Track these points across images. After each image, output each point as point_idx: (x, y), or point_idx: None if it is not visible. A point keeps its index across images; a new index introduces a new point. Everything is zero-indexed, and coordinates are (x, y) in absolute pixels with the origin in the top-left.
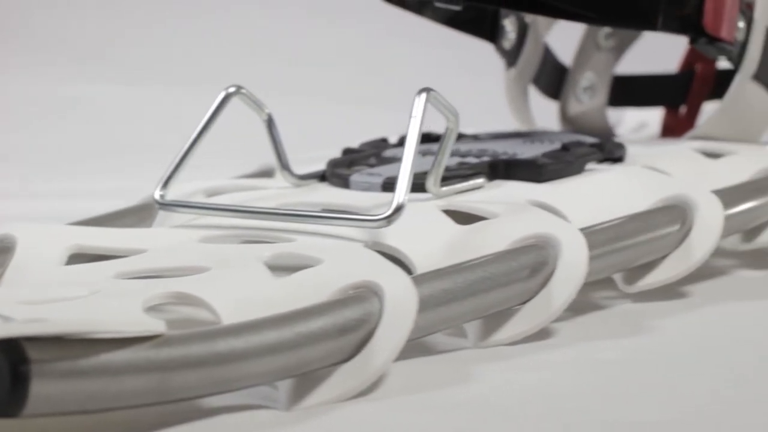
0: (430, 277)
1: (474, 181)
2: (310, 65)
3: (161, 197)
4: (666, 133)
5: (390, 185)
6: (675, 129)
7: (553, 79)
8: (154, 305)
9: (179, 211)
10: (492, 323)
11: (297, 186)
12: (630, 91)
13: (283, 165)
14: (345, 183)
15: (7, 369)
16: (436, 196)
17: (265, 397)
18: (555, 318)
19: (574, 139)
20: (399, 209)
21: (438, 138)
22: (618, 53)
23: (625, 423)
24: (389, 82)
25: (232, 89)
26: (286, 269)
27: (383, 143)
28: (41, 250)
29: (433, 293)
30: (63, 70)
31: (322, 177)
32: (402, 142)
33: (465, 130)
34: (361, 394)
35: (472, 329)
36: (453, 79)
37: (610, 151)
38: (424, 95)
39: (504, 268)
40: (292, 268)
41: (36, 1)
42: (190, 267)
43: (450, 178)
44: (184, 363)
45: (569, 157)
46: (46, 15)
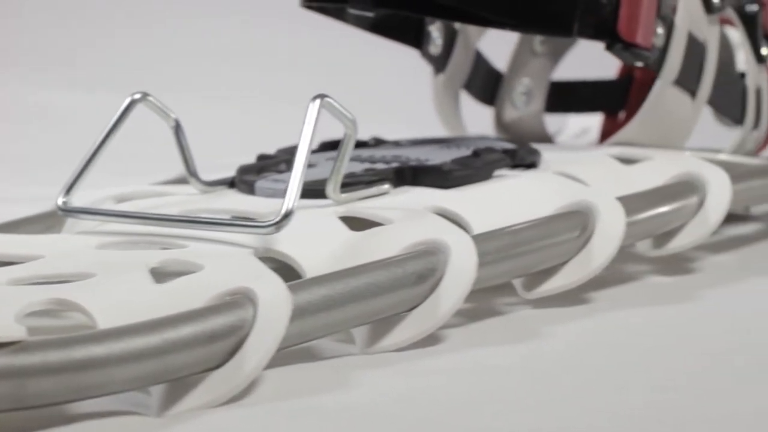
0: (310, 284)
1: (379, 188)
2: (255, 68)
3: (64, 204)
4: (605, 139)
5: None
6: (614, 135)
7: (487, 85)
8: (36, 311)
9: (80, 218)
10: (379, 329)
11: (205, 192)
12: (568, 97)
13: (191, 172)
14: (251, 189)
15: None
16: (336, 202)
17: (138, 404)
18: (442, 324)
19: (486, 146)
20: (288, 215)
21: (379, 144)
22: (554, 59)
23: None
24: (335, 84)
25: (137, 95)
26: (173, 275)
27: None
28: None
29: (312, 299)
30: (26, 76)
31: (231, 183)
32: (321, 148)
33: (402, 136)
34: (234, 399)
35: (359, 335)
36: (397, 82)
37: (521, 158)
38: (317, 102)
39: (389, 274)
40: (178, 274)
41: None
42: (78, 273)
43: (354, 184)
44: (41, 369)
45: (477, 163)
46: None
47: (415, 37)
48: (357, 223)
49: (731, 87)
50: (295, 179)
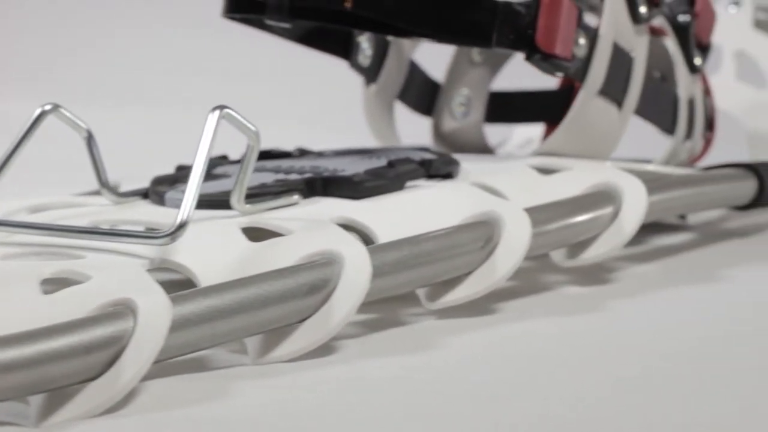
0: (196, 294)
1: (287, 198)
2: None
3: None
4: None
5: (202, 202)
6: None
7: (424, 95)
8: None
9: None
10: (271, 340)
11: (117, 204)
12: (508, 108)
13: (103, 183)
14: (162, 200)
15: None
16: (241, 213)
17: (17, 414)
18: (334, 335)
19: (403, 156)
20: (183, 226)
21: (303, 154)
22: (493, 69)
23: None
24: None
25: (48, 107)
26: (64, 286)
27: (221, 160)
28: None
29: (197, 310)
30: None
31: (145, 194)
32: (242, 158)
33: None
34: (112, 410)
35: (251, 345)
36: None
37: (437, 168)
38: (216, 113)
39: (280, 284)
40: (69, 284)
41: None
42: None
43: (263, 194)
44: None
45: (390, 174)
46: None
47: (344, 48)
48: (266, 235)
49: (662, 97)
50: (191, 190)
